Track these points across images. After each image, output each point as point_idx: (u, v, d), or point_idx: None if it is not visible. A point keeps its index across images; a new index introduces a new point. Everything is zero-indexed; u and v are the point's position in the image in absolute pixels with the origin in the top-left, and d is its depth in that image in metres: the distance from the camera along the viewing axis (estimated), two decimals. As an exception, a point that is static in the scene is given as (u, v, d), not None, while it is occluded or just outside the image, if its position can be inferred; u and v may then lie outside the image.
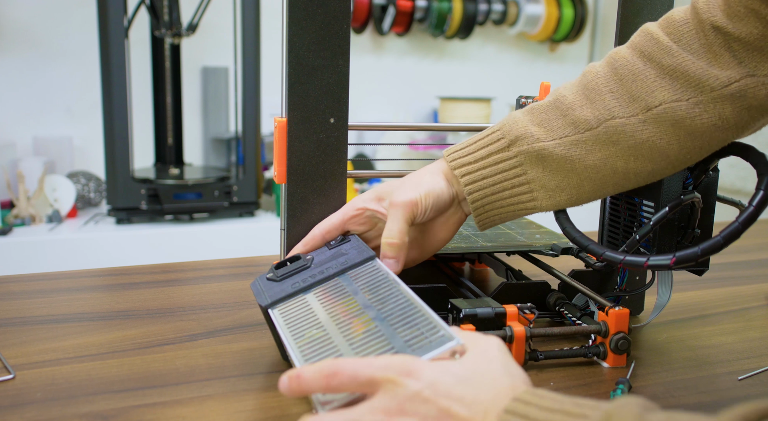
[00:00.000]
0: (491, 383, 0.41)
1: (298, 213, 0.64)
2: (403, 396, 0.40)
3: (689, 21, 0.56)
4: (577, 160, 0.59)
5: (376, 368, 0.41)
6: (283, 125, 0.62)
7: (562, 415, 0.37)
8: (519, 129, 0.61)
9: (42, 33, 2.13)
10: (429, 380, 0.40)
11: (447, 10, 2.55)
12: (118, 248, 1.82)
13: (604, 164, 0.58)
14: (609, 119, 0.57)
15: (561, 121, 0.59)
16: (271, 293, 0.57)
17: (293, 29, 0.61)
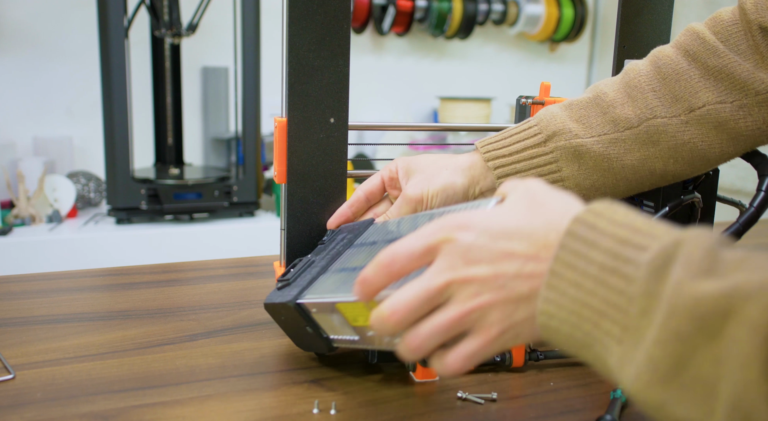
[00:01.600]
0: (543, 211, 0.40)
1: (298, 213, 0.64)
2: (462, 249, 0.40)
3: (737, 22, 0.55)
4: (615, 159, 0.57)
5: (427, 235, 0.41)
6: (283, 125, 0.62)
7: (630, 231, 0.36)
8: (557, 124, 0.59)
9: (42, 33, 2.13)
10: (481, 227, 0.40)
11: (447, 10, 2.55)
12: (118, 248, 1.82)
13: (642, 165, 0.57)
14: (651, 118, 0.56)
15: (601, 118, 0.58)
16: (291, 292, 0.56)
17: (293, 29, 0.61)
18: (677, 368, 0.33)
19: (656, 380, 0.34)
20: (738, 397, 0.31)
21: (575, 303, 0.37)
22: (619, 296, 0.35)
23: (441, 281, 0.40)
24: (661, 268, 0.34)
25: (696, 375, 0.32)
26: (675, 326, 0.33)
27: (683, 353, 0.33)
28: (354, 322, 0.48)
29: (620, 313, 0.35)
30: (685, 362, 0.33)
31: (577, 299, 0.37)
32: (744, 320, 0.31)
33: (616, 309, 0.35)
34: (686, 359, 0.33)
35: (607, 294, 0.36)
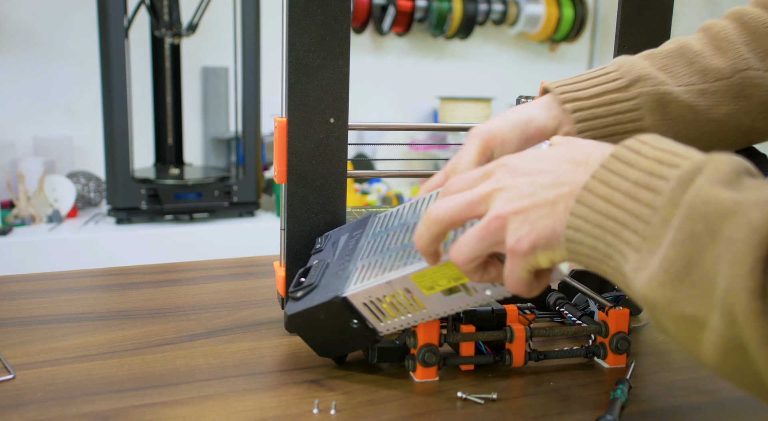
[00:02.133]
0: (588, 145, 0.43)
1: (298, 213, 0.64)
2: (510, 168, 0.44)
3: None
4: (703, 112, 0.54)
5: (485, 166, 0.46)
6: (283, 125, 0.62)
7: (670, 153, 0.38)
8: (639, 70, 0.54)
9: (42, 33, 2.13)
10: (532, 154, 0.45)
11: (447, 10, 2.55)
12: (118, 248, 1.82)
13: (730, 119, 0.54)
14: (745, 69, 0.53)
15: (687, 68, 0.54)
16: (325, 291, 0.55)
17: (293, 29, 0.61)
18: (688, 267, 0.34)
19: (668, 279, 0.35)
20: (726, 291, 0.33)
21: (602, 216, 0.38)
22: (645, 207, 0.37)
23: (484, 190, 0.44)
24: (687, 180, 0.36)
25: (703, 273, 0.34)
26: (689, 227, 0.35)
27: (694, 252, 0.34)
28: (429, 290, 0.50)
29: (642, 223, 0.37)
30: (696, 260, 0.34)
31: (605, 212, 0.38)
32: (744, 221, 0.33)
33: (639, 220, 0.37)
34: (697, 258, 0.34)
35: (634, 206, 0.37)
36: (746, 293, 0.32)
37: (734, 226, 0.33)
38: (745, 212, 0.33)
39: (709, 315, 0.34)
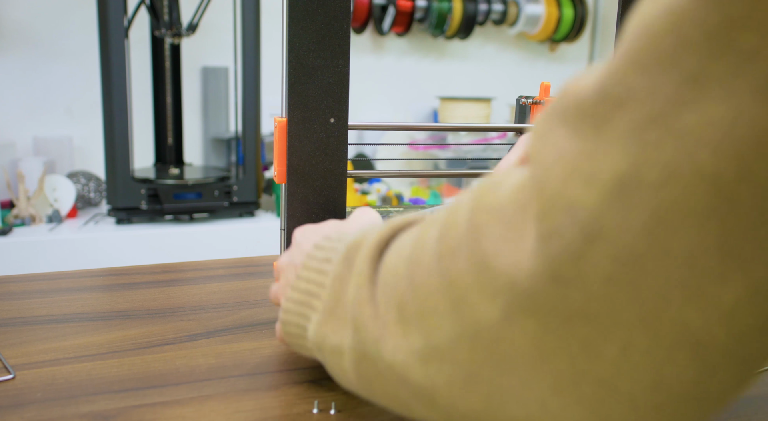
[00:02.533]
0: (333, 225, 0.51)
1: (298, 213, 0.64)
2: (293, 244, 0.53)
3: None
4: None
5: None
6: (283, 125, 0.62)
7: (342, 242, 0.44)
8: None
9: (42, 33, 2.13)
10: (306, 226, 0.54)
11: (447, 10, 2.55)
12: (118, 248, 1.82)
13: None
14: None
15: None
16: None
17: (293, 29, 0.61)
18: (335, 303, 0.40)
19: (324, 319, 0.41)
20: (353, 306, 0.38)
21: (302, 293, 0.44)
22: (324, 276, 0.43)
23: None
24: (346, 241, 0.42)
25: (344, 303, 0.39)
26: (336, 271, 0.41)
27: (339, 289, 0.40)
28: None
29: (322, 288, 0.42)
30: (340, 296, 0.40)
31: (305, 289, 0.44)
32: (366, 243, 0.39)
33: (321, 286, 0.43)
34: (341, 294, 0.40)
35: (319, 278, 0.43)
36: (365, 297, 0.36)
37: (361, 250, 0.39)
38: (366, 237, 0.40)
39: (344, 337, 0.38)
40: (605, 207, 0.26)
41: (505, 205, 0.29)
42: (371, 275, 0.37)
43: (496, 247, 0.29)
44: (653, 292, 0.25)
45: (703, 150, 0.24)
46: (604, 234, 0.26)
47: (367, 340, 0.36)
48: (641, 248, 0.25)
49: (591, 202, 0.26)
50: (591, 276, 0.26)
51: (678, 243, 0.25)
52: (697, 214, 0.24)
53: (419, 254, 0.33)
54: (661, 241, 0.25)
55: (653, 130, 0.25)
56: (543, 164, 0.28)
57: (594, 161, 0.26)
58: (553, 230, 0.27)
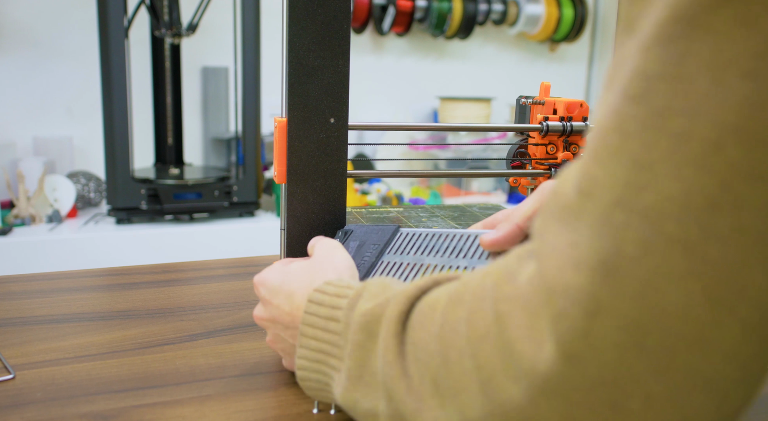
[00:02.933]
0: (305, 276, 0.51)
1: (298, 213, 0.64)
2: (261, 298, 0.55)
3: None
4: None
5: None
6: (283, 125, 0.62)
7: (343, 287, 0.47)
8: None
9: (42, 33, 2.13)
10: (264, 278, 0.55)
11: (447, 10, 2.55)
12: (118, 248, 1.82)
13: None
14: None
15: None
16: None
17: (293, 29, 0.61)
18: (361, 369, 0.42)
19: (351, 385, 0.43)
20: (384, 377, 0.40)
21: (315, 352, 0.47)
22: (335, 335, 0.45)
23: None
24: (353, 304, 0.45)
25: (371, 371, 0.42)
26: (357, 338, 0.43)
27: (362, 356, 0.42)
28: None
29: (337, 348, 0.45)
30: (364, 363, 0.42)
31: (316, 348, 0.46)
32: (385, 318, 0.41)
33: (334, 346, 0.45)
34: (365, 361, 0.42)
35: (329, 338, 0.46)
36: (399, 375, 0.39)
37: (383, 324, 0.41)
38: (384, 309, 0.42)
39: (378, 403, 0.41)
40: (597, 286, 0.29)
41: (526, 295, 0.33)
42: (399, 350, 0.40)
43: (520, 335, 0.32)
44: (659, 347, 0.29)
45: (668, 221, 0.28)
46: (603, 308, 0.29)
47: (405, 411, 0.38)
48: (639, 312, 0.29)
49: (584, 284, 0.30)
50: (601, 347, 0.29)
51: (670, 302, 0.28)
52: (680, 275, 0.28)
53: (450, 335, 0.36)
54: (654, 303, 0.28)
55: (620, 213, 0.29)
56: (542, 259, 0.32)
57: (578, 248, 0.30)
58: (558, 313, 0.30)
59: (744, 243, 0.27)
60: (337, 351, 0.45)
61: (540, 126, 0.75)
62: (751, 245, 0.27)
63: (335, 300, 0.46)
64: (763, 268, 0.28)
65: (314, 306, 0.47)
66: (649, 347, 0.29)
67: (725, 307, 0.28)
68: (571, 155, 0.75)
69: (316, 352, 0.46)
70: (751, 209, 0.27)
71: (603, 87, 0.33)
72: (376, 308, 0.43)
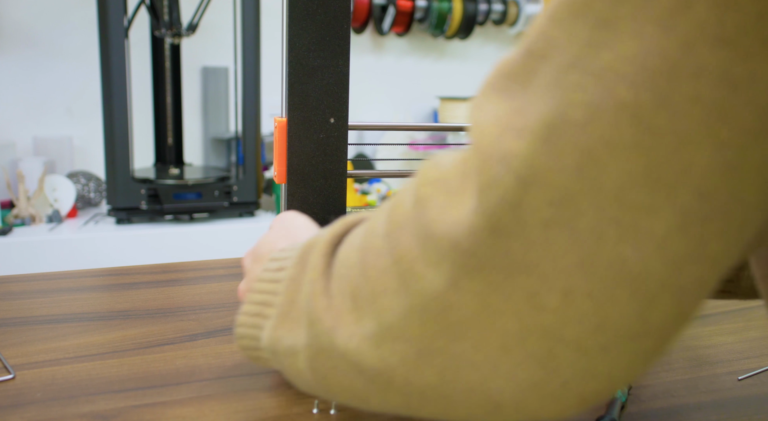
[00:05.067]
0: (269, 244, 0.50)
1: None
2: None
3: None
4: None
5: None
6: (283, 125, 0.62)
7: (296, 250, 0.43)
8: None
9: (42, 33, 2.13)
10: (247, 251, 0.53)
11: (447, 10, 2.55)
12: (118, 248, 1.82)
13: None
14: None
15: None
16: None
17: (293, 29, 0.61)
18: (289, 305, 0.39)
19: (277, 323, 0.40)
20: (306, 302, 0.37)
21: (256, 305, 0.43)
22: (276, 283, 0.42)
23: None
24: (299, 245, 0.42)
25: (298, 305, 0.38)
26: (290, 274, 0.40)
27: (293, 290, 0.39)
28: None
29: (275, 295, 0.42)
30: (294, 298, 0.39)
31: (259, 300, 0.43)
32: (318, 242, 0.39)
33: (273, 294, 0.42)
34: (294, 296, 0.39)
35: (271, 287, 0.42)
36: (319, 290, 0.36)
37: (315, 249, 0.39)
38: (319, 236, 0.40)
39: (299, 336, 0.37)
40: (537, 152, 0.26)
41: (448, 176, 0.30)
42: (325, 269, 0.37)
43: (439, 214, 0.29)
44: (589, 232, 0.26)
45: (621, 84, 0.25)
46: (539, 178, 0.26)
47: (321, 333, 0.35)
48: (574, 187, 0.26)
49: (523, 150, 0.27)
50: (529, 223, 0.27)
51: (608, 179, 0.26)
52: (623, 147, 0.25)
53: (370, 240, 0.33)
54: (592, 178, 0.26)
55: (573, 73, 0.26)
56: (480, 129, 0.29)
57: (524, 114, 0.27)
58: (490, 181, 0.27)
59: (696, 116, 0.25)
60: (275, 299, 0.42)
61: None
62: (704, 119, 0.25)
63: (289, 253, 0.43)
64: (711, 146, 0.25)
65: (270, 262, 0.44)
66: (578, 230, 0.26)
67: (664, 190, 0.25)
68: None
69: (258, 305, 0.43)
70: (710, 77, 0.24)
71: None
72: (313, 238, 0.40)
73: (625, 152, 0.25)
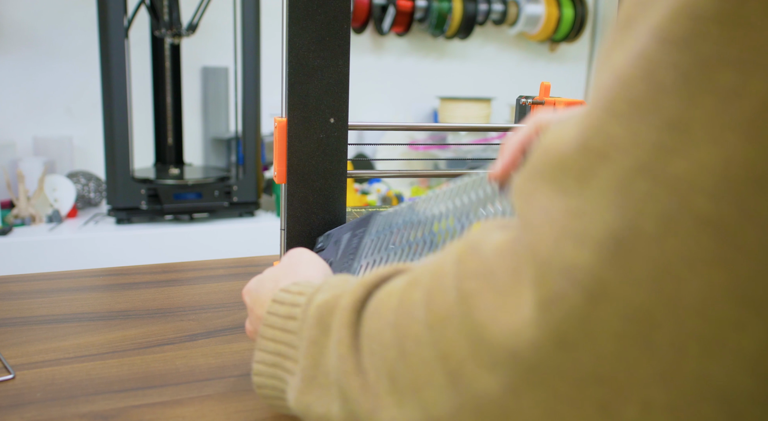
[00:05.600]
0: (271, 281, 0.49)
1: (298, 213, 0.64)
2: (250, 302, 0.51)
3: None
4: None
5: None
6: (283, 125, 0.62)
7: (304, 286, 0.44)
8: None
9: (42, 33, 2.13)
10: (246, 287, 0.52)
11: (447, 10, 2.55)
12: (118, 248, 1.82)
13: None
14: None
15: None
16: None
17: (293, 29, 0.61)
18: (314, 369, 0.39)
19: (304, 387, 0.39)
20: (337, 375, 0.36)
21: (272, 355, 0.43)
22: (292, 335, 0.42)
23: None
24: (310, 300, 0.41)
25: (325, 370, 0.38)
26: (311, 334, 0.39)
27: (316, 354, 0.39)
28: None
29: (293, 349, 0.41)
30: (318, 361, 0.38)
31: (273, 350, 0.43)
32: (340, 307, 0.38)
33: (290, 347, 0.42)
34: (318, 359, 0.38)
35: (286, 338, 0.42)
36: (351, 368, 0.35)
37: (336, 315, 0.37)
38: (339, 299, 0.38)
39: (332, 406, 0.37)
40: (605, 265, 0.25)
41: (495, 270, 0.29)
42: (352, 342, 0.36)
43: (490, 317, 0.28)
44: (668, 345, 0.25)
45: (699, 196, 0.23)
46: (609, 292, 0.25)
47: (360, 412, 0.34)
48: (650, 302, 0.24)
49: (588, 262, 0.25)
50: (600, 336, 0.25)
51: (688, 293, 0.24)
52: (705, 262, 0.24)
53: (406, 321, 0.32)
54: (669, 293, 0.24)
55: (642, 181, 0.24)
56: (531, 226, 0.27)
57: (583, 219, 0.25)
58: (553, 295, 0.26)
59: None
60: (293, 352, 0.41)
61: (540, 126, 0.75)
62: None
63: (296, 298, 0.43)
64: None
65: (276, 305, 0.44)
66: (656, 343, 0.24)
67: (753, 306, 0.24)
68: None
69: (274, 355, 0.43)
70: None
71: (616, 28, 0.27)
72: (331, 299, 0.39)
73: (706, 267, 0.24)
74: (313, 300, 0.41)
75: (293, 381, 0.41)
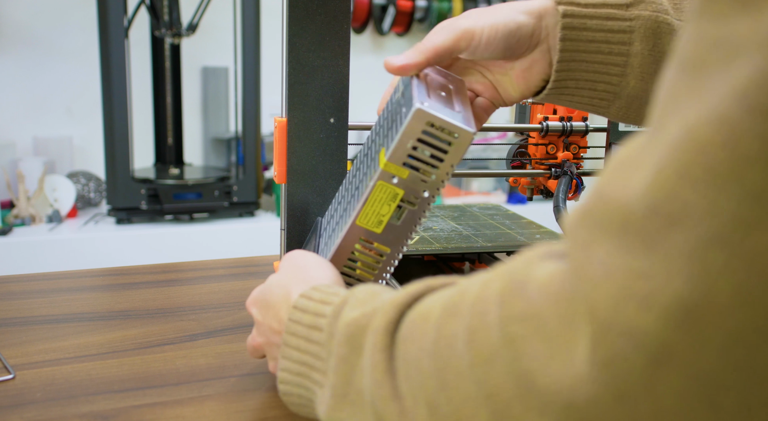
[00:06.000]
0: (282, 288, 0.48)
1: (298, 213, 0.64)
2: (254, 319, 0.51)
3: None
4: None
5: None
6: (283, 125, 0.62)
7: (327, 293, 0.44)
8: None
9: (42, 33, 2.13)
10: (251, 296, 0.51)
11: (447, 10, 2.55)
12: (118, 248, 1.82)
13: None
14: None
15: None
16: None
17: (293, 29, 0.61)
18: (345, 386, 0.39)
19: (336, 403, 0.39)
20: (372, 398, 0.36)
21: (298, 364, 0.43)
22: (318, 346, 0.42)
23: None
24: (337, 312, 0.41)
25: (357, 388, 0.38)
26: (341, 351, 0.39)
27: (347, 372, 0.39)
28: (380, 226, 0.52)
29: (320, 360, 0.41)
30: (350, 379, 0.38)
31: (300, 360, 0.43)
32: (371, 330, 0.37)
33: (317, 358, 0.42)
34: (350, 377, 0.38)
35: (312, 348, 0.42)
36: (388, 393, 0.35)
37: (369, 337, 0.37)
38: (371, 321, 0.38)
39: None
40: (672, 331, 0.24)
41: (543, 315, 0.28)
42: (387, 367, 0.35)
43: (541, 366, 0.27)
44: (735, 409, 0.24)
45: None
46: (674, 358, 0.24)
47: None
48: (718, 367, 0.24)
49: (653, 327, 0.24)
50: (662, 394, 0.25)
51: (760, 363, 0.24)
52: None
53: (446, 353, 0.32)
54: (739, 361, 0.24)
55: (717, 252, 0.23)
56: (587, 278, 0.26)
57: (649, 282, 0.25)
58: (613, 356, 0.25)
59: None
60: (320, 364, 0.41)
61: (540, 126, 0.75)
62: None
63: (320, 307, 0.43)
64: None
65: (298, 313, 0.44)
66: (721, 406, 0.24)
67: None
68: (571, 155, 0.75)
69: (299, 364, 0.43)
70: None
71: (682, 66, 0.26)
72: (361, 318, 0.39)
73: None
74: (340, 315, 0.41)
75: (323, 394, 0.41)
